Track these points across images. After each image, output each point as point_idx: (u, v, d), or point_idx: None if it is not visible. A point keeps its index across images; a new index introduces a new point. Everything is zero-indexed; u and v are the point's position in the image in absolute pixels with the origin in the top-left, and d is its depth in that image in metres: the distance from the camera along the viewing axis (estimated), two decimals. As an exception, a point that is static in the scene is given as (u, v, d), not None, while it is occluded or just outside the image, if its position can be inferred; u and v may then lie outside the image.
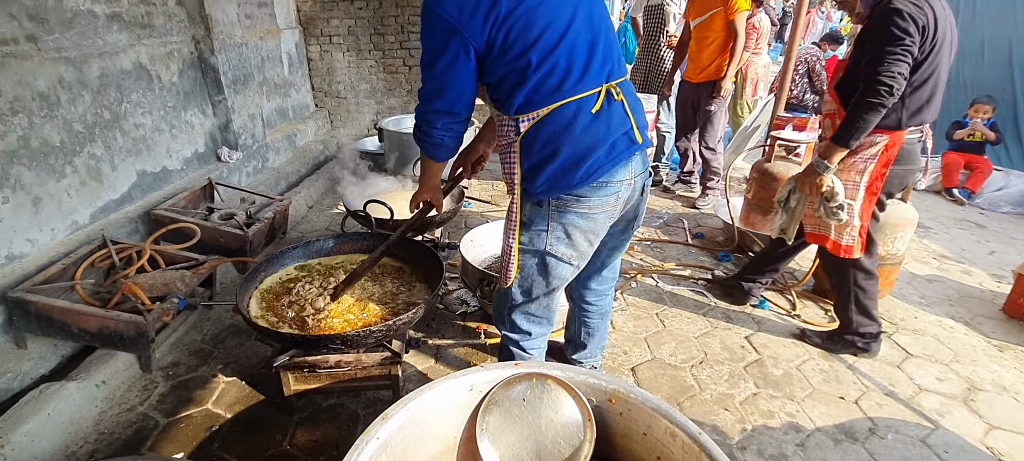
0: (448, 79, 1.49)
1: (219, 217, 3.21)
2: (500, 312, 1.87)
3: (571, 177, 1.52)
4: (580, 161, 1.50)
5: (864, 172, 2.20)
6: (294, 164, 4.96)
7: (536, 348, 1.91)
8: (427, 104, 1.56)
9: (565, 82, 1.46)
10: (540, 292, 1.74)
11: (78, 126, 2.85)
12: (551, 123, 1.49)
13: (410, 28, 5.82)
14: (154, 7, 3.44)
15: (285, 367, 2.00)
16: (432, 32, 1.45)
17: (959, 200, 4.98)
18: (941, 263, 3.71)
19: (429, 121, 1.59)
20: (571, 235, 1.62)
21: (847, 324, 2.53)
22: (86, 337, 2.27)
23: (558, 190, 1.54)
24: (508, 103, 1.52)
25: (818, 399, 2.30)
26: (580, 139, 1.49)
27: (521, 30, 1.41)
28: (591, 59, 1.49)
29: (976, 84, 5.73)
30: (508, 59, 1.45)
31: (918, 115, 2.10)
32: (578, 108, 1.48)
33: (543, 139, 1.51)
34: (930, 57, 1.97)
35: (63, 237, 2.75)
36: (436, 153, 1.69)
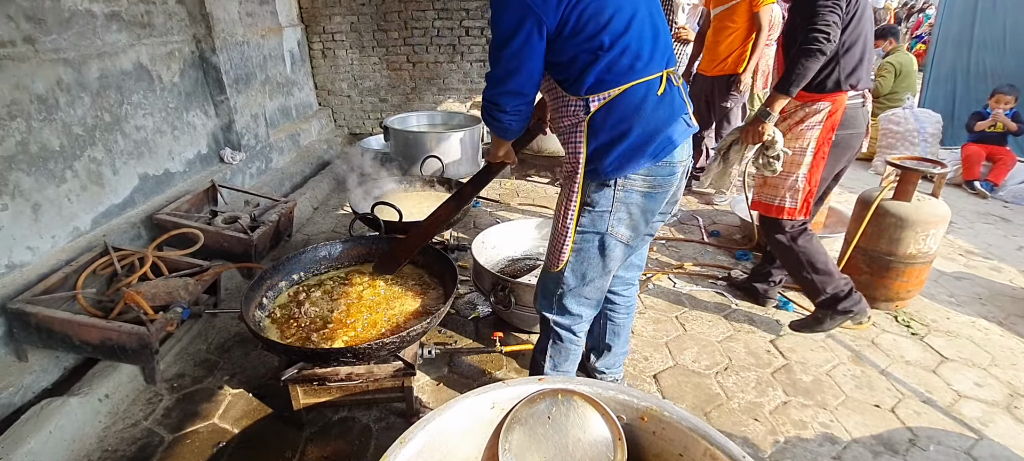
0: (520, 60, 1.48)
1: (223, 221, 3.12)
2: (548, 298, 1.83)
3: (641, 156, 1.53)
4: (650, 140, 1.52)
5: (811, 137, 2.33)
6: (298, 164, 4.88)
7: (584, 331, 1.89)
8: (498, 85, 1.55)
9: (636, 63, 1.48)
10: (595, 275, 1.73)
11: (78, 129, 2.77)
12: (623, 103, 1.50)
13: (414, 24, 5.72)
14: (154, 6, 3.35)
15: (294, 380, 1.90)
16: (505, 12, 1.45)
17: (981, 193, 4.83)
18: (968, 260, 3.59)
19: (498, 104, 1.58)
20: (633, 215, 1.63)
21: (816, 291, 2.50)
22: (88, 349, 2.19)
23: (627, 168, 1.54)
24: (578, 83, 1.51)
25: (852, 407, 2.19)
26: (650, 119, 1.51)
27: (594, 12, 1.43)
28: (655, 45, 1.52)
29: (997, 73, 5.58)
30: (580, 39, 1.45)
31: (853, 75, 2.24)
32: (647, 89, 1.50)
33: (615, 118, 1.51)
34: (854, 20, 2.15)
35: (64, 244, 2.67)
36: (506, 134, 1.70)
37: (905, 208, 2.65)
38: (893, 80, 5.74)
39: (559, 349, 1.88)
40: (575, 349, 1.89)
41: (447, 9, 5.60)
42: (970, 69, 5.82)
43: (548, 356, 1.90)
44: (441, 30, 5.71)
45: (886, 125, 5.42)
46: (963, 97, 5.90)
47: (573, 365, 1.94)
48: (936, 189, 2.74)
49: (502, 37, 1.47)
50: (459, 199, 2.17)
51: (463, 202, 2.18)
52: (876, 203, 2.69)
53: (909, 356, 2.53)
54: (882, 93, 5.79)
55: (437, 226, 2.23)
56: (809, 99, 2.30)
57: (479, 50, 5.77)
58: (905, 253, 2.68)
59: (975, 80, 5.80)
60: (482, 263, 2.52)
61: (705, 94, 4.23)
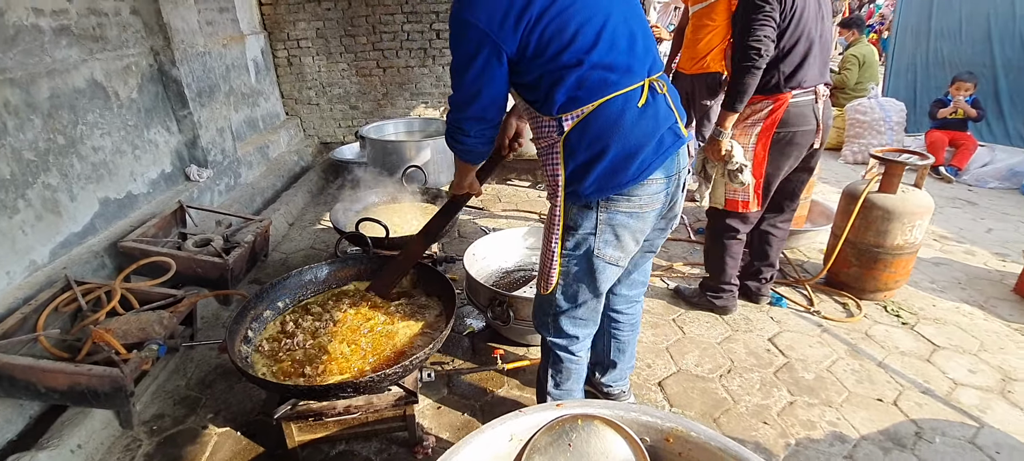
0: (480, 85, 1.43)
1: (194, 244, 2.93)
2: (543, 319, 1.76)
3: (623, 175, 1.43)
4: (631, 157, 1.42)
5: (752, 133, 2.38)
6: (269, 178, 4.67)
7: (584, 349, 1.82)
8: (459, 111, 1.51)
9: (609, 76, 1.39)
10: (586, 297, 1.66)
11: (29, 154, 2.55)
12: (598, 119, 1.40)
13: (382, 28, 5.56)
14: (106, 18, 3.12)
15: (288, 417, 1.78)
16: (462, 39, 1.40)
17: (947, 178, 5.00)
18: (943, 245, 3.69)
19: (462, 128, 1.53)
20: (620, 236, 1.54)
21: (712, 285, 2.73)
22: (55, 396, 1.99)
23: (608, 190, 1.45)
24: (548, 103, 1.43)
25: (856, 403, 2.20)
26: (630, 134, 1.41)
27: (555, 31, 1.35)
28: (632, 52, 1.42)
29: (955, 61, 5.79)
30: (543, 60, 1.38)
31: (796, 76, 2.25)
32: (625, 102, 1.40)
33: (590, 137, 1.42)
34: (793, 23, 2.16)
35: (20, 280, 2.46)
36: (470, 158, 1.66)
37: (891, 200, 2.69)
38: (858, 71, 5.90)
39: (560, 369, 1.82)
40: (576, 368, 1.83)
41: (416, 12, 5.46)
42: (929, 58, 6.03)
43: (550, 376, 1.84)
44: (411, 34, 5.57)
45: (853, 115, 5.55)
46: (924, 85, 6.11)
47: (577, 383, 1.87)
48: (919, 180, 2.79)
49: (460, 62, 1.42)
50: (428, 236, 2.13)
51: (432, 239, 2.14)
52: (863, 197, 2.72)
53: (903, 346, 2.56)
54: (849, 84, 5.94)
55: (409, 263, 2.19)
56: (752, 100, 2.32)
57: (451, 53, 5.65)
58: (893, 244, 2.72)
59: (934, 68, 6.01)
60: (476, 277, 2.43)
61: (685, 92, 4.22)
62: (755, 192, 2.46)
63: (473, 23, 1.35)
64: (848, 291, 2.95)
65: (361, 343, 1.92)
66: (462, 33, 1.38)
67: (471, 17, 1.35)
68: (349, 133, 6.03)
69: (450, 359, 2.50)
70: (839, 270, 2.95)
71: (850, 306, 2.88)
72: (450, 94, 1.52)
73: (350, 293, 2.26)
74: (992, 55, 5.41)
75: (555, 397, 1.87)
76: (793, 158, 2.46)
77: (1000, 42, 5.35)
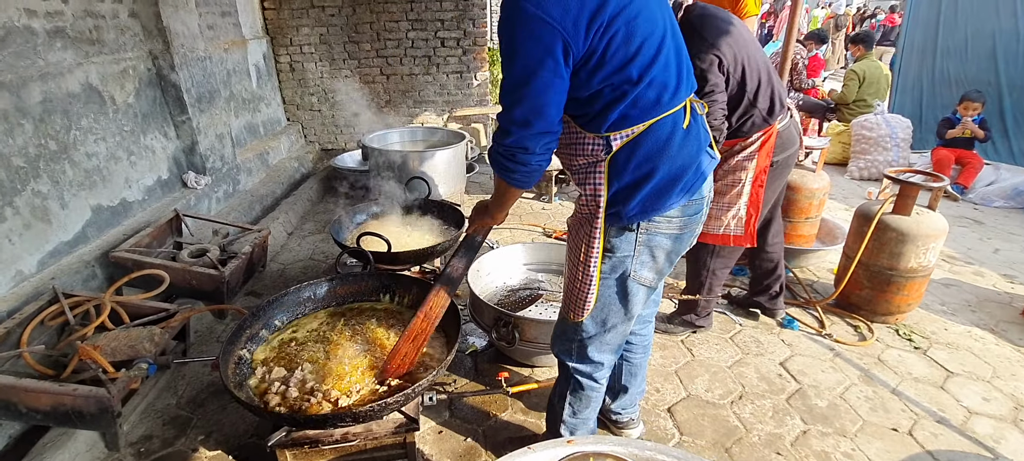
0: (549, 95, 1.27)
1: (189, 254, 2.85)
2: (566, 345, 1.67)
3: (667, 198, 1.39)
4: (676, 180, 1.38)
5: (750, 167, 2.32)
6: (268, 185, 4.59)
7: (604, 377, 1.74)
8: (525, 128, 1.31)
9: (663, 95, 1.33)
10: (617, 321, 1.58)
11: (18, 160, 2.47)
12: (648, 140, 1.34)
13: (387, 36, 5.50)
14: (103, 20, 3.05)
15: (282, 445, 1.69)
16: (528, 38, 1.22)
17: (952, 196, 4.95)
18: (951, 265, 3.63)
19: (527, 147, 1.34)
20: (656, 257, 1.49)
21: (693, 306, 2.66)
22: (37, 416, 1.91)
23: (652, 212, 1.40)
24: (599, 119, 1.34)
25: (871, 433, 2.12)
26: (677, 157, 1.37)
27: (623, 40, 1.25)
28: (680, 71, 1.38)
29: (961, 79, 5.76)
30: (606, 72, 1.28)
31: (772, 111, 2.26)
32: (674, 124, 1.36)
33: (639, 158, 1.35)
34: (745, 78, 2.15)
35: (6, 291, 2.37)
36: (530, 180, 1.43)
37: (906, 222, 2.63)
38: (858, 87, 5.86)
39: (579, 397, 1.73)
40: (596, 396, 1.75)
41: (421, 20, 5.41)
42: (935, 76, 6.00)
43: (567, 403, 1.75)
44: (415, 41, 5.52)
45: (859, 131, 5.51)
46: (929, 103, 6.08)
47: (593, 412, 1.79)
48: (933, 201, 2.73)
49: (526, 66, 1.24)
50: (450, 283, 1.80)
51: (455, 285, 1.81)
52: (877, 218, 2.66)
53: (916, 372, 2.49)
54: (847, 100, 5.91)
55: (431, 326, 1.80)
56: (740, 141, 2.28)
57: (455, 61, 5.60)
58: (906, 267, 2.66)
59: (940, 86, 5.98)
60: (480, 296, 2.36)
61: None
62: (747, 226, 2.41)
63: (545, 19, 1.19)
64: (859, 313, 2.88)
65: (360, 365, 1.84)
66: (527, 30, 1.21)
67: (539, 11, 1.19)
68: (351, 140, 5.96)
69: (452, 380, 2.41)
70: (851, 292, 2.88)
71: (862, 329, 2.81)
72: (503, 112, 1.33)
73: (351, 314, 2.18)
74: (997, 74, 5.38)
75: (569, 425, 1.78)
76: (784, 179, 2.52)
77: (1005, 61, 5.32)
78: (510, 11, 1.23)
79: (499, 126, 1.37)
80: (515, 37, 1.24)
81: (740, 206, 2.35)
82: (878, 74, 5.88)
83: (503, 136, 1.36)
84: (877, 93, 5.90)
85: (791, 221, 3.33)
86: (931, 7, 5.96)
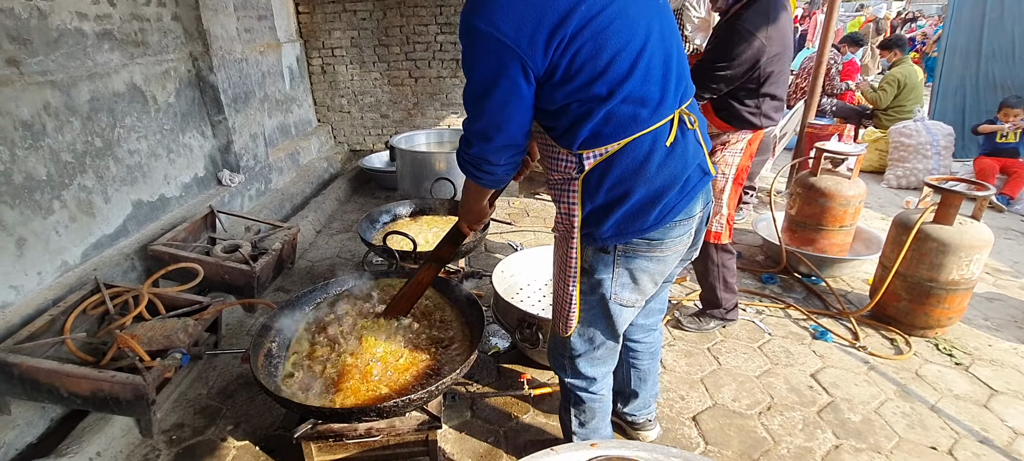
0: (506, 112, 1.23)
1: (222, 250, 2.93)
2: (559, 360, 1.66)
3: (644, 221, 1.30)
4: (654, 202, 1.29)
5: (732, 165, 2.38)
6: (298, 184, 4.70)
7: (605, 388, 1.70)
8: (485, 142, 1.29)
9: (641, 112, 1.22)
10: (604, 338, 1.55)
11: (67, 156, 2.58)
12: (623, 161, 1.25)
13: (416, 39, 5.58)
14: (148, 23, 3.18)
15: (308, 437, 1.72)
16: (481, 57, 1.17)
17: (998, 207, 4.74)
18: (996, 278, 3.47)
19: (489, 160, 1.33)
20: (638, 280, 1.42)
21: (716, 303, 2.67)
22: (77, 401, 1.99)
23: (628, 235, 1.32)
24: (569, 136, 1.26)
25: (908, 451, 2.04)
26: (655, 178, 1.27)
27: (589, 55, 1.15)
28: (667, 82, 1.26)
29: (1007, 84, 5.53)
30: (572, 88, 1.19)
31: (771, 116, 2.34)
32: (653, 142, 1.25)
33: (612, 180, 1.27)
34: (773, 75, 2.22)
35: (51, 281, 2.48)
36: (495, 184, 1.46)
37: (947, 232, 2.52)
38: (895, 94, 5.67)
39: (582, 409, 1.71)
40: (600, 406, 1.72)
41: (450, 23, 5.46)
42: (979, 80, 5.77)
43: (573, 416, 1.74)
44: (444, 44, 5.57)
45: (897, 138, 5.33)
46: (972, 109, 5.85)
47: (603, 420, 1.76)
48: (977, 211, 2.62)
49: (481, 86, 1.20)
50: (438, 262, 1.92)
51: (442, 264, 1.94)
52: (916, 228, 2.56)
53: (957, 389, 2.38)
54: (882, 105, 5.73)
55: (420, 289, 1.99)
56: (732, 129, 2.33)
57: (482, 64, 5.64)
58: (947, 279, 2.55)
59: (985, 91, 5.75)
60: (505, 297, 2.36)
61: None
62: (728, 223, 2.50)
63: (495, 36, 1.12)
64: (896, 326, 2.77)
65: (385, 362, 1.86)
66: (481, 48, 1.16)
67: (491, 28, 1.12)
68: (379, 142, 6.06)
69: (473, 380, 2.42)
70: (887, 303, 2.78)
71: (899, 342, 2.70)
72: (466, 121, 1.30)
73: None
74: (1049, 79, 5.14)
75: (580, 436, 1.76)
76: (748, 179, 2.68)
77: (1058, 65, 5.08)
78: (464, 27, 1.18)
79: (463, 134, 1.35)
80: (470, 54, 1.19)
81: (722, 203, 2.43)
82: (916, 79, 5.68)
83: (466, 146, 1.35)
84: (916, 98, 5.70)
85: (825, 229, 3.24)
86: (975, 9, 5.74)
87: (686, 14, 4.49)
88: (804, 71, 6.57)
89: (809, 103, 4.44)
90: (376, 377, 1.77)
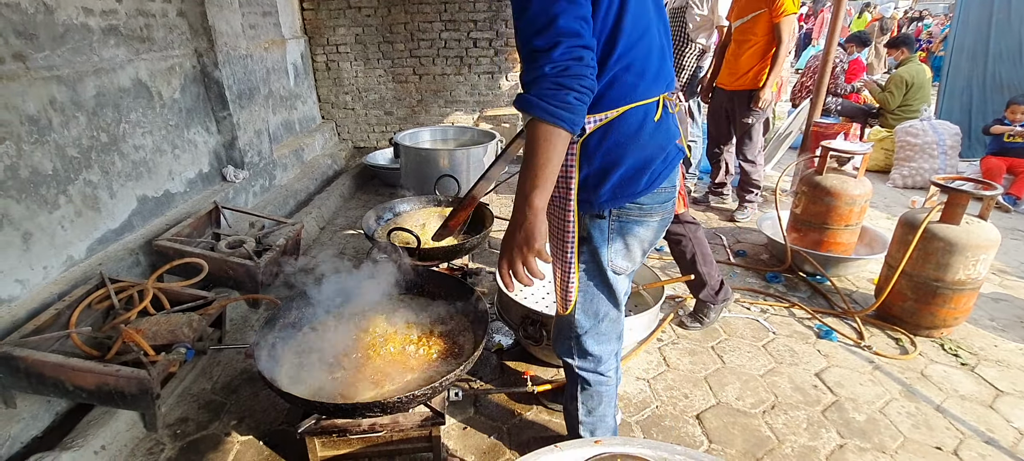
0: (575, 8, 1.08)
1: (227, 245, 2.94)
2: (565, 343, 1.64)
3: (636, 185, 1.38)
4: (643, 169, 1.37)
5: None
6: (303, 181, 4.70)
7: (611, 370, 1.69)
8: (539, 36, 1.07)
9: (640, 83, 1.31)
10: (606, 310, 1.57)
11: (72, 151, 2.59)
12: (620, 127, 1.33)
13: (420, 36, 5.57)
14: (154, 19, 3.18)
15: (311, 432, 1.73)
16: None
17: (1004, 207, 4.71)
18: (1002, 279, 3.45)
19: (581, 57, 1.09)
20: (630, 246, 1.47)
21: (701, 281, 2.64)
22: (83, 395, 1.99)
23: (622, 199, 1.38)
24: None
25: (913, 451, 2.03)
26: (646, 146, 1.36)
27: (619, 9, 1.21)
28: (661, 66, 1.37)
29: (1013, 84, 5.50)
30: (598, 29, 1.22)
31: None
32: (645, 114, 1.34)
33: (609, 144, 1.33)
34: None
35: (57, 275, 2.49)
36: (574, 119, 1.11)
37: (954, 232, 2.51)
38: (903, 95, 5.62)
39: (590, 394, 1.69)
40: (607, 390, 1.70)
41: (454, 20, 5.46)
42: (986, 80, 5.73)
43: (580, 403, 1.71)
44: (448, 41, 5.57)
45: (903, 137, 5.29)
46: (979, 108, 5.81)
47: (610, 407, 1.75)
48: (985, 211, 2.60)
49: None
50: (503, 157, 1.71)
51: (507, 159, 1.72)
52: (923, 227, 2.55)
53: (963, 389, 2.37)
54: (890, 107, 5.69)
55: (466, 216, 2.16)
56: None
57: (487, 62, 5.63)
58: (954, 279, 2.54)
59: (992, 92, 5.71)
60: (509, 293, 2.35)
61: (724, 108, 4.10)
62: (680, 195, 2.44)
63: None
64: (901, 326, 2.76)
65: (387, 357, 1.86)
66: None
67: None
68: (383, 139, 6.06)
69: (476, 378, 2.42)
70: (892, 303, 2.77)
71: (904, 342, 2.69)
72: (531, 50, 1.09)
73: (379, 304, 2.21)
74: (1057, 79, 5.10)
75: (587, 426, 1.75)
76: None
77: (1066, 65, 5.04)
78: None
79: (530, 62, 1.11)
80: None
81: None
82: (924, 78, 5.64)
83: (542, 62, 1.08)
84: (923, 98, 5.66)
85: (830, 228, 3.23)
86: (982, 8, 5.70)
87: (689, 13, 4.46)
88: (810, 70, 6.54)
89: (815, 102, 4.42)
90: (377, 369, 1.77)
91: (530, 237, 1.18)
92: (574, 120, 1.11)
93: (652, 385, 2.37)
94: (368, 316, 2.09)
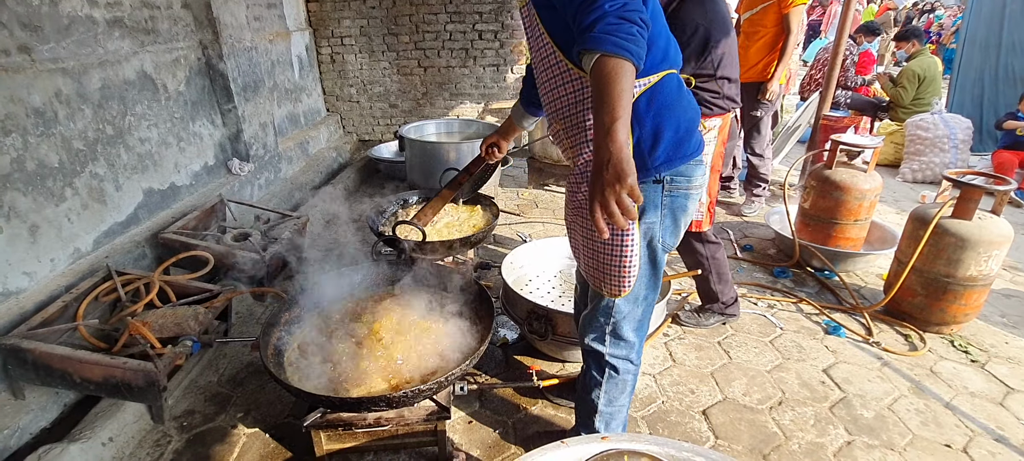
0: None
1: (232, 238, 2.94)
2: (598, 331, 1.58)
3: (688, 145, 1.40)
4: (691, 129, 1.42)
5: (708, 154, 2.34)
6: (308, 173, 4.70)
7: (640, 356, 1.68)
8: None
9: (668, 52, 1.39)
10: (649, 292, 1.55)
11: (78, 144, 2.59)
12: (663, 90, 1.37)
13: (425, 28, 5.54)
14: (158, 11, 3.17)
15: (317, 425, 1.73)
16: None
17: (1016, 202, 4.65)
18: (1013, 275, 3.41)
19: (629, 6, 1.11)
20: (678, 220, 1.48)
21: (713, 296, 2.64)
22: (90, 387, 2.00)
23: (677, 160, 1.39)
24: None
25: (922, 448, 2.01)
26: (687, 109, 1.42)
27: None
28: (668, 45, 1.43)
29: (1027, 77, 5.40)
30: None
31: (734, 98, 2.41)
32: (679, 80, 1.43)
33: (658, 105, 1.36)
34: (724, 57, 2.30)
35: (64, 267, 2.50)
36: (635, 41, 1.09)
37: (966, 227, 2.48)
38: (915, 89, 5.55)
39: (615, 382, 1.65)
40: (632, 380, 1.68)
41: (460, 12, 5.42)
42: (998, 73, 5.65)
43: (603, 392, 1.67)
44: (453, 34, 5.54)
45: (913, 131, 5.23)
46: (991, 102, 5.73)
47: (628, 398, 1.72)
48: (997, 206, 2.56)
49: None
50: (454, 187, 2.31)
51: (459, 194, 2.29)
52: (934, 222, 2.51)
53: (973, 387, 2.35)
54: (903, 102, 5.61)
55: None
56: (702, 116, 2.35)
57: (492, 54, 5.59)
58: (965, 275, 2.50)
59: (1004, 84, 5.63)
60: (514, 288, 2.34)
61: (733, 101, 4.05)
62: (709, 210, 2.48)
63: None
64: (911, 322, 2.73)
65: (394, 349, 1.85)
66: None
67: None
68: (388, 131, 6.04)
69: (482, 373, 2.41)
70: (902, 299, 2.74)
71: (913, 339, 2.67)
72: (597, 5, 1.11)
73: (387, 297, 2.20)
74: (1071, 71, 5.01)
75: (605, 416, 1.72)
76: None
77: (1081, 58, 4.96)
78: None
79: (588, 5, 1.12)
80: None
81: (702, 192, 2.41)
82: (935, 71, 5.56)
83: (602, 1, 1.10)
84: (935, 91, 5.58)
85: (839, 223, 3.20)
86: (995, 1, 5.60)
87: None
88: (818, 63, 6.46)
89: (824, 95, 4.37)
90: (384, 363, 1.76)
91: (620, 172, 1.06)
92: (639, 53, 1.10)
93: (658, 380, 2.36)
94: (373, 310, 2.09)
